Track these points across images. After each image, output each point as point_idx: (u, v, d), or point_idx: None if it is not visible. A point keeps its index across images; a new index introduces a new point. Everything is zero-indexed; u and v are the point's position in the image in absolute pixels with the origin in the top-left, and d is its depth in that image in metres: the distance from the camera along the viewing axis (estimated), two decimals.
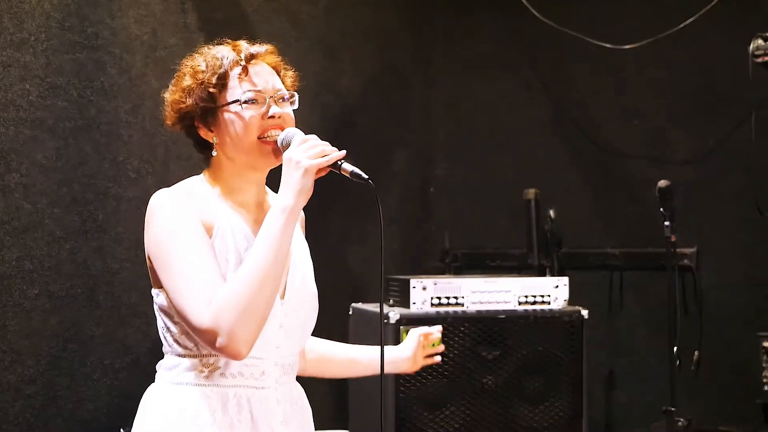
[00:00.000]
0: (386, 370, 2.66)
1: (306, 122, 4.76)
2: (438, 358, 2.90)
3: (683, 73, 5.05)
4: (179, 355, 2.35)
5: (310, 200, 2.30)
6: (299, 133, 2.34)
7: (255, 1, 4.51)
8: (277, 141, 2.36)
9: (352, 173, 2.28)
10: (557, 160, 5.37)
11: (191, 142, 2.47)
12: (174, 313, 2.31)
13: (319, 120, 4.75)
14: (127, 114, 3.80)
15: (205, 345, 2.25)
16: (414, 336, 2.85)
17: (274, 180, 2.41)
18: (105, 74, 3.71)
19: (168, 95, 2.44)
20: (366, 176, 2.28)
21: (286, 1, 4.70)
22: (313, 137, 2.32)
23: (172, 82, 2.44)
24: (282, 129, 2.37)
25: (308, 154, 2.26)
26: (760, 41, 4.04)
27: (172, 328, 2.35)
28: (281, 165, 2.34)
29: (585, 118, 5.35)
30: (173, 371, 2.35)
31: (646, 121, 5.16)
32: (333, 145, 2.34)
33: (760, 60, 4.05)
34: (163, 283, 2.29)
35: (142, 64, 3.86)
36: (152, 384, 2.43)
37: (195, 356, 2.33)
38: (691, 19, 4.78)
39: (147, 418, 2.37)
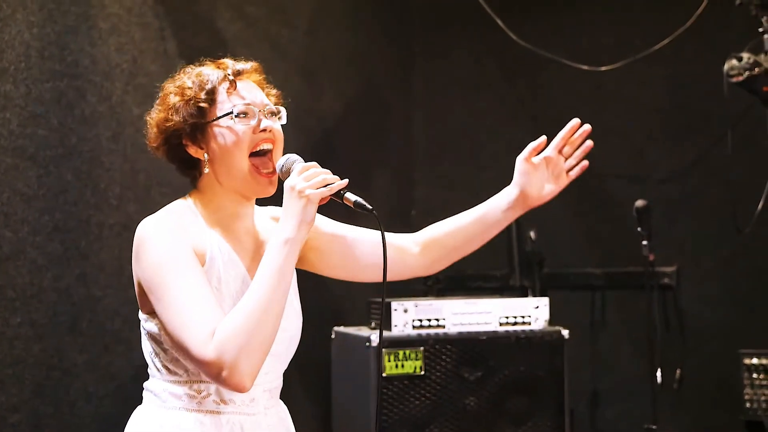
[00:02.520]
0: (511, 215, 2.56)
1: (286, 145, 4.80)
2: (584, 163, 2.52)
3: (660, 92, 5.10)
4: (168, 381, 2.33)
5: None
6: (300, 160, 2.33)
7: (234, 27, 4.53)
8: (276, 169, 2.35)
9: (355, 203, 2.28)
10: None
11: (174, 167, 2.45)
12: (164, 341, 2.30)
13: (300, 143, 4.76)
14: (108, 141, 3.80)
15: (207, 377, 2.22)
16: (519, 166, 2.55)
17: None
18: (85, 102, 3.72)
19: (153, 115, 2.41)
20: (370, 206, 2.27)
21: (266, 26, 4.72)
22: (314, 165, 2.30)
23: (156, 102, 2.43)
24: (273, 143, 2.37)
25: (311, 183, 2.24)
26: (734, 61, 4.08)
27: (161, 354, 2.33)
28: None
29: None
30: (163, 395, 2.34)
31: (624, 140, 5.20)
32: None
33: (734, 80, 4.09)
34: (160, 315, 2.25)
35: (122, 91, 3.88)
36: (139, 406, 2.42)
37: (186, 382, 2.32)
38: (666, 40, 4.83)
39: None
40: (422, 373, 3.80)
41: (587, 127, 2.55)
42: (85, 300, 3.70)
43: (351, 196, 2.29)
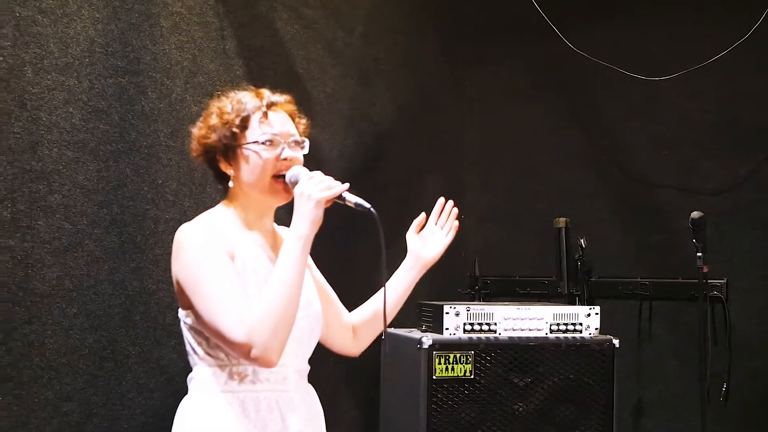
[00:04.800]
0: (413, 275, 3.01)
1: (340, 147, 4.85)
2: (455, 224, 3.09)
3: (715, 104, 5.07)
4: (211, 366, 2.63)
5: (338, 228, 2.51)
6: (304, 170, 2.66)
7: (292, 28, 4.56)
8: (285, 179, 2.67)
9: (356, 204, 2.62)
10: (587, 189, 5.39)
11: (215, 178, 2.79)
12: (204, 329, 2.59)
13: (353, 145, 4.79)
14: (167, 138, 3.85)
15: (239, 357, 2.54)
16: (409, 238, 3.04)
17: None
18: (146, 98, 3.77)
19: (196, 130, 2.76)
20: (368, 205, 2.61)
21: (322, 29, 4.75)
22: (318, 173, 2.63)
23: (201, 118, 2.76)
24: None
25: (318, 188, 2.58)
26: None
27: (203, 343, 2.64)
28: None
29: (615, 147, 5.38)
30: (208, 381, 2.63)
31: (676, 151, 5.18)
32: (366, 171, 2.61)
33: None
34: (196, 306, 2.57)
35: (181, 89, 3.92)
36: (186, 396, 2.69)
37: (226, 366, 2.62)
38: (723, 52, 4.80)
39: (189, 425, 2.64)
40: (471, 376, 3.81)
41: (451, 203, 3.14)
42: (139, 293, 3.74)
43: (352, 198, 2.62)
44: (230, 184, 2.72)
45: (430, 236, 3.08)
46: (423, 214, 3.11)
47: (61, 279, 3.43)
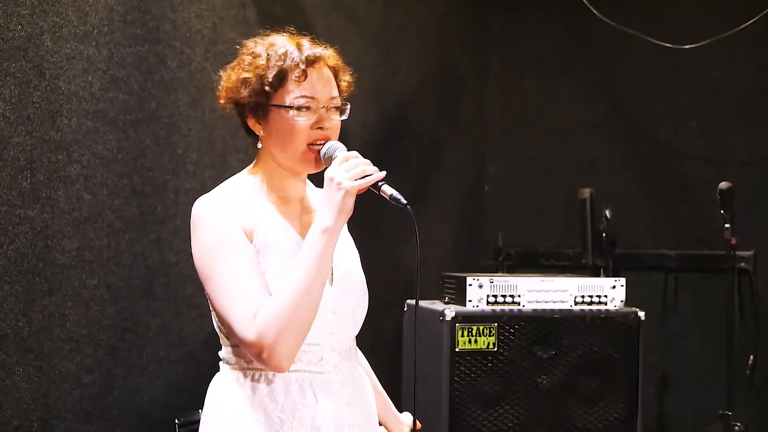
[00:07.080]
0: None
1: (362, 117, 4.80)
2: None
3: (743, 74, 5.00)
4: (237, 345, 2.40)
5: (362, 197, 2.34)
6: (342, 148, 2.39)
7: None
8: (320, 151, 2.41)
9: (391, 197, 2.34)
10: (612, 160, 5.34)
11: (244, 131, 2.53)
12: (216, 316, 2.41)
13: (375, 115, 4.75)
14: (187, 107, 3.82)
15: (250, 355, 2.34)
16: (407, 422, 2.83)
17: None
18: (165, 67, 3.74)
19: (225, 77, 2.48)
20: (404, 201, 2.32)
21: None
22: (355, 155, 2.35)
23: (232, 65, 2.48)
24: (326, 140, 2.42)
25: (349, 175, 2.30)
26: None
27: None
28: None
29: (641, 118, 5.32)
30: (233, 360, 2.44)
31: (704, 122, 5.11)
32: (388, 142, 2.38)
33: None
34: (207, 293, 2.37)
35: (202, 57, 3.89)
36: (218, 373, 2.51)
37: None
38: (752, 20, 4.72)
39: (218, 404, 2.45)
40: (495, 349, 3.78)
41: None
42: (160, 264, 3.73)
43: (387, 189, 2.34)
44: (259, 145, 2.46)
45: None
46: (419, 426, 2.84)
47: (81, 250, 3.41)
